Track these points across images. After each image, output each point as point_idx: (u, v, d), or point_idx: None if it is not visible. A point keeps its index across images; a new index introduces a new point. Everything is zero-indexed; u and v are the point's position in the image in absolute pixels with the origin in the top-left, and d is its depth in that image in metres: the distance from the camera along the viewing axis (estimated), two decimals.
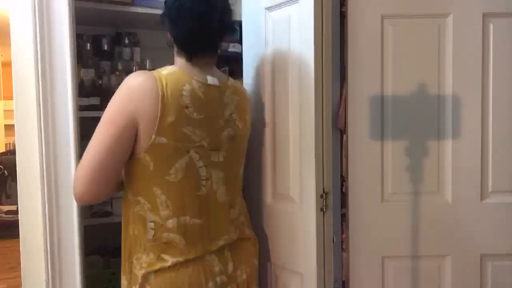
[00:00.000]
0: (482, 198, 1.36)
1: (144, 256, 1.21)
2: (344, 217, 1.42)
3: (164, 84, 1.16)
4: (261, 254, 1.47)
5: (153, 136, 1.15)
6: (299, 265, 1.40)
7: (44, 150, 1.41)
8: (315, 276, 1.34)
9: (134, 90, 1.15)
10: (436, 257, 1.38)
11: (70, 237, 1.44)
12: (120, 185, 1.27)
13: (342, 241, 1.44)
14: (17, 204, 1.72)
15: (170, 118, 1.15)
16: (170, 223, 1.21)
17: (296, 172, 1.39)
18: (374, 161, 1.36)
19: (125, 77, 1.88)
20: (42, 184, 1.41)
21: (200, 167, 1.23)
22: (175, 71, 1.22)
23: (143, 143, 1.15)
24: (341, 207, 1.44)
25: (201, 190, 1.24)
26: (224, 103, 1.29)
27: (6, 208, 4.78)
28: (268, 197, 1.49)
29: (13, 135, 1.72)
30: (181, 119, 1.17)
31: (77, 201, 1.20)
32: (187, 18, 1.21)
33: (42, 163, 1.41)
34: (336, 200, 1.37)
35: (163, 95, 1.15)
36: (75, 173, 1.19)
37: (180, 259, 1.21)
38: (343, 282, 1.43)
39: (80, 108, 1.56)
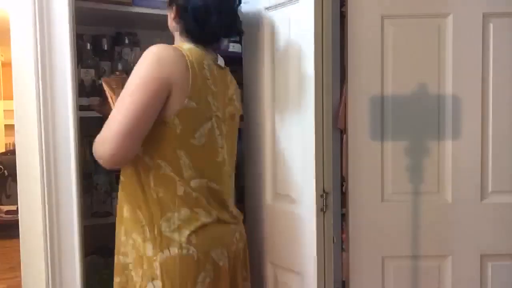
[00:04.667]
0: (482, 198, 1.36)
1: (176, 214, 1.23)
2: (344, 217, 1.42)
3: (189, 56, 1.23)
4: (261, 254, 1.47)
5: (186, 100, 1.20)
6: (299, 265, 1.40)
7: (44, 150, 1.41)
8: (315, 276, 1.34)
9: (165, 57, 1.20)
10: (436, 257, 1.38)
11: (70, 237, 1.44)
12: None
13: (342, 241, 1.44)
14: (17, 204, 1.72)
15: (197, 85, 1.22)
16: (193, 183, 1.25)
17: (296, 172, 1.39)
18: (374, 161, 1.36)
19: (125, 77, 1.90)
20: (42, 184, 1.41)
21: (218, 135, 1.30)
22: (193, 47, 1.28)
23: (174, 106, 1.20)
24: (341, 207, 1.44)
25: (219, 157, 1.31)
26: (227, 84, 1.38)
27: (6, 208, 4.78)
28: (268, 197, 1.49)
29: (13, 135, 1.72)
30: (205, 87, 1.25)
31: (106, 161, 1.18)
32: (210, 15, 1.28)
33: (42, 163, 1.40)
34: (336, 200, 1.37)
35: (191, 65, 1.22)
36: (102, 133, 1.18)
37: (209, 219, 1.26)
38: (343, 282, 1.43)
39: (80, 108, 1.56)
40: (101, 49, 1.96)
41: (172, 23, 1.38)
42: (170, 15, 1.37)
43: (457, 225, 1.37)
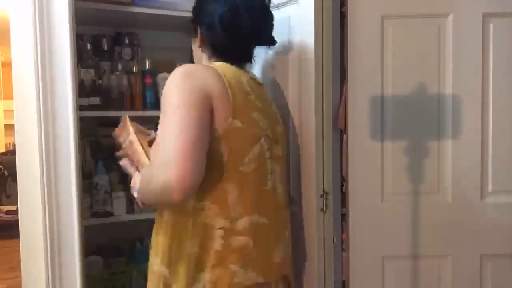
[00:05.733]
0: (482, 198, 1.36)
1: (208, 275, 1.08)
2: (344, 217, 1.42)
3: (224, 72, 1.09)
4: None
5: (230, 119, 1.05)
6: (299, 265, 1.40)
7: (44, 150, 1.41)
8: (315, 276, 1.34)
9: (203, 76, 1.05)
10: (436, 257, 1.38)
11: (70, 237, 1.44)
12: None
13: (342, 241, 1.44)
14: (17, 204, 1.73)
15: (239, 101, 1.08)
16: (241, 223, 1.09)
17: (296, 172, 1.39)
18: (374, 161, 1.36)
19: (125, 77, 1.90)
20: (42, 184, 1.41)
21: (267, 158, 1.14)
22: (226, 65, 1.15)
23: (218, 127, 1.05)
24: (341, 207, 1.44)
25: (267, 185, 1.15)
26: (269, 101, 1.25)
27: (6, 208, 4.78)
28: None
29: (13, 135, 1.72)
30: (248, 103, 1.11)
31: (176, 186, 0.95)
32: (242, 30, 1.16)
33: (42, 163, 1.40)
34: (336, 200, 1.37)
35: (228, 82, 1.07)
36: (155, 165, 1.02)
37: (251, 273, 1.10)
38: (343, 282, 1.43)
39: (80, 108, 1.56)
40: (101, 49, 1.96)
41: (197, 52, 1.24)
42: (195, 44, 1.24)
43: (457, 225, 1.37)
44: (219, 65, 1.14)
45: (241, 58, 1.23)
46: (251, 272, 1.11)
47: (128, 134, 1.25)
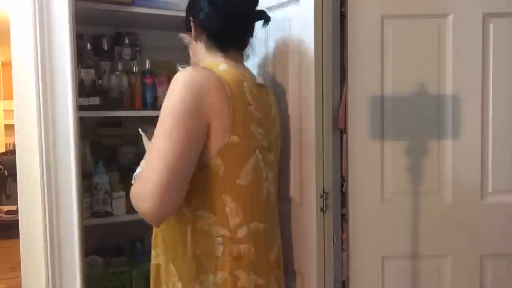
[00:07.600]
0: (482, 198, 1.36)
1: (211, 277, 1.10)
2: (344, 217, 1.42)
3: (227, 79, 1.08)
4: None
5: (227, 136, 1.06)
6: (299, 265, 1.40)
7: (44, 150, 1.41)
8: (315, 276, 1.34)
9: (203, 87, 1.04)
10: (436, 257, 1.38)
11: (70, 237, 1.44)
12: None
13: (342, 241, 1.44)
14: (17, 204, 1.73)
15: (239, 115, 1.08)
16: (241, 232, 1.12)
17: (296, 172, 1.39)
18: (374, 161, 1.36)
19: (125, 77, 1.90)
20: (42, 184, 1.41)
21: (263, 167, 1.18)
22: (229, 68, 1.14)
23: (215, 144, 1.06)
24: (341, 207, 1.44)
25: (263, 193, 1.19)
26: (270, 103, 1.26)
27: (6, 208, 4.78)
28: None
29: (13, 135, 1.72)
30: (247, 116, 1.11)
31: (150, 219, 1.03)
32: (235, 9, 1.17)
33: (42, 163, 1.40)
34: (336, 200, 1.37)
35: (230, 91, 1.07)
36: (141, 186, 1.04)
37: (253, 276, 1.13)
38: (343, 282, 1.42)
39: (80, 108, 1.56)
40: (101, 49, 1.96)
41: (194, 46, 1.24)
42: (190, 38, 1.25)
43: (457, 225, 1.37)
44: (223, 70, 1.12)
45: (238, 43, 1.22)
46: (253, 275, 1.15)
47: None
